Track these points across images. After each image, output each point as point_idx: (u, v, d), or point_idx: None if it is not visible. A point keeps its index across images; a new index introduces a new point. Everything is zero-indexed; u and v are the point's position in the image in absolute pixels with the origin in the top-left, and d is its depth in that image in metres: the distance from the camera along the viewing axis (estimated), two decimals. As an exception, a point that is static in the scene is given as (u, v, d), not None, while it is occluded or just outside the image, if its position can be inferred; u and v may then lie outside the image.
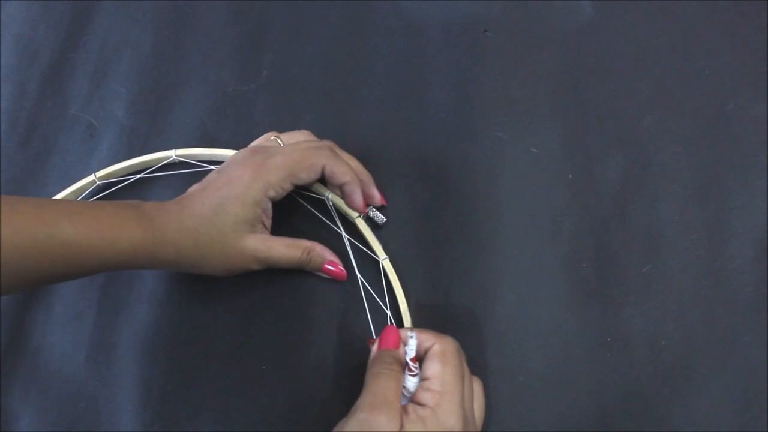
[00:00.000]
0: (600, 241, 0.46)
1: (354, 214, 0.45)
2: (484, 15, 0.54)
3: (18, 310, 0.46)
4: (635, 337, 0.43)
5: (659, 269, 0.45)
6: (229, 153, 0.48)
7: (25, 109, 0.53)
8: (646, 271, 0.45)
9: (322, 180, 0.44)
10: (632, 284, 0.44)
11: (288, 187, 0.42)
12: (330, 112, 0.51)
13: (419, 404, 0.34)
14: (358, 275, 0.44)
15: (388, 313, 0.43)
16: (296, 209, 0.47)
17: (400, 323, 0.43)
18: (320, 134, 0.49)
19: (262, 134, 0.47)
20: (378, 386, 0.34)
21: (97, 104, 0.53)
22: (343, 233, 0.46)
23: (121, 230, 0.38)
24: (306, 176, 0.42)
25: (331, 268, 0.44)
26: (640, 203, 0.47)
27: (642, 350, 0.43)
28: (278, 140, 0.45)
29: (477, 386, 0.38)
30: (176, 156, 0.49)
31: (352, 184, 0.43)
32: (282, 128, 0.50)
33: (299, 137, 0.46)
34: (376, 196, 0.46)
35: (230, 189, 0.40)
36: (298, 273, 0.45)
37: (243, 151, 0.44)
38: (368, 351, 0.38)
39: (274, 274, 0.44)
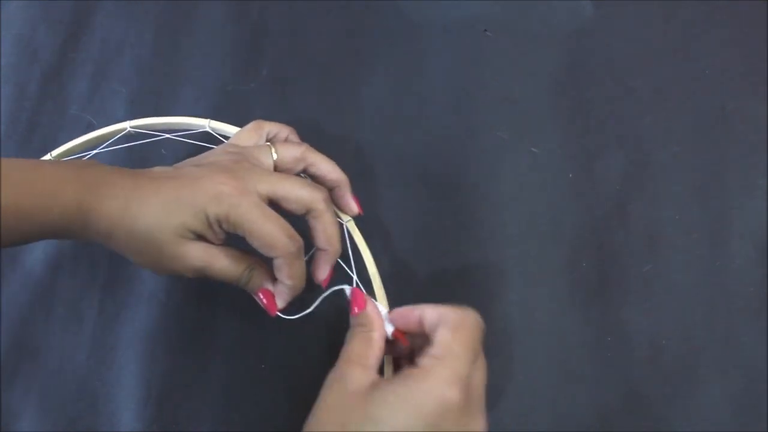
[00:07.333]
0: (600, 241, 0.46)
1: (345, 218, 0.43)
2: (484, 15, 0.54)
3: (18, 310, 0.46)
4: (635, 337, 0.43)
5: (659, 269, 0.45)
6: (186, 121, 0.47)
7: (25, 109, 0.53)
8: (646, 271, 0.45)
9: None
10: (632, 284, 0.44)
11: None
12: (330, 112, 0.51)
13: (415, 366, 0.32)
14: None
15: (354, 276, 0.41)
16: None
17: (369, 287, 0.40)
18: (320, 134, 0.49)
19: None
20: (351, 345, 0.35)
21: (97, 104, 0.53)
22: None
23: (54, 197, 0.35)
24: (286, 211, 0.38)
25: (262, 298, 0.39)
26: (640, 203, 0.47)
27: (642, 350, 0.43)
28: (272, 151, 0.40)
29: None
30: (131, 128, 0.47)
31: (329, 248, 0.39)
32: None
33: (295, 153, 0.40)
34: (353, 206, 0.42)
35: (193, 192, 0.35)
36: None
37: (230, 149, 0.39)
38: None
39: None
